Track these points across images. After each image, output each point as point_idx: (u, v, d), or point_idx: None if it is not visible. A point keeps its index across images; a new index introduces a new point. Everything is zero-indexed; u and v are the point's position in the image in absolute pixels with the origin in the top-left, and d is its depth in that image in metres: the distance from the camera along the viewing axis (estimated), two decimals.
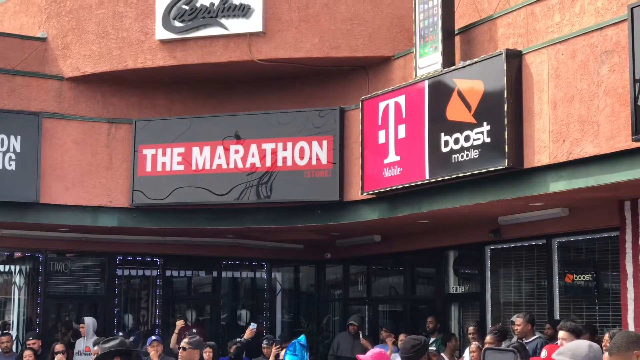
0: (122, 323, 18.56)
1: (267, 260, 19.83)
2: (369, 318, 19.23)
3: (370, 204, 14.85)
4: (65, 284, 18.35)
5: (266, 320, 19.90)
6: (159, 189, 16.05)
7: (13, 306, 18.19)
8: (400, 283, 18.78)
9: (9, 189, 15.36)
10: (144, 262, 18.76)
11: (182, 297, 20.39)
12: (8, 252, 17.98)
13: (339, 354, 16.56)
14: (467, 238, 15.78)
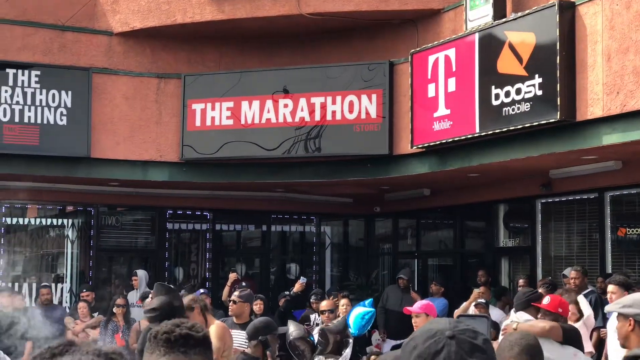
0: (173, 276, 18.72)
1: (316, 214, 19.85)
2: (418, 272, 19.23)
3: (419, 157, 14.77)
4: (116, 237, 18.53)
5: (315, 274, 19.96)
6: (208, 143, 16.07)
7: (66, 259, 18.41)
8: (449, 237, 18.72)
9: (61, 143, 15.49)
10: (193, 216, 18.88)
11: (232, 251, 20.51)
12: (60, 206, 18.17)
13: (387, 307, 16.56)
14: (517, 192, 15.66)
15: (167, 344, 2.69)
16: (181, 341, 2.70)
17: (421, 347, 2.12)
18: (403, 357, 2.16)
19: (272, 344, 7.82)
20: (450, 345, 2.10)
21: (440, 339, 2.11)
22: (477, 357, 2.10)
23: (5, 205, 17.34)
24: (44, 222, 18.53)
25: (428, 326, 2.21)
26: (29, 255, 18.70)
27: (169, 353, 2.68)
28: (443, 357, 2.08)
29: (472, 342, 2.12)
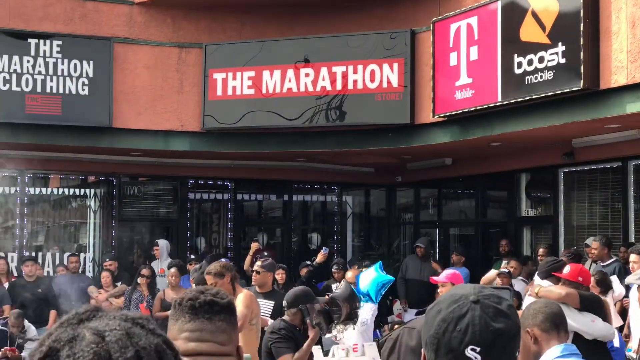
0: (194, 246, 18.80)
1: (338, 183, 19.85)
2: (440, 242, 19.23)
3: (441, 126, 14.72)
4: (138, 207, 18.61)
5: (337, 243, 19.98)
6: (230, 113, 16.07)
7: (88, 229, 18.52)
8: (471, 206, 18.69)
9: (83, 113, 15.53)
10: (215, 185, 18.92)
11: (253, 220, 20.56)
12: (83, 176, 18.25)
13: (407, 277, 16.59)
14: (539, 161, 15.59)
15: (192, 310, 2.71)
16: (206, 307, 2.71)
17: (445, 311, 2.12)
18: (427, 321, 2.17)
19: (310, 312, 7.88)
20: (474, 310, 2.10)
21: (464, 303, 2.12)
22: (501, 322, 2.10)
23: (28, 175, 17.42)
24: (66, 192, 18.61)
25: (453, 291, 2.22)
26: (51, 225, 18.81)
27: (193, 319, 2.70)
28: (467, 321, 2.09)
29: (496, 307, 2.12)
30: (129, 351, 1.58)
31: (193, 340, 2.70)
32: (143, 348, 1.61)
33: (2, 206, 18.07)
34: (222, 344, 2.71)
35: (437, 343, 2.11)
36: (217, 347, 2.70)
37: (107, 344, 1.58)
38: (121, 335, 1.60)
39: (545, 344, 4.78)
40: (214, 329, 2.71)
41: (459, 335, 2.08)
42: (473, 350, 2.06)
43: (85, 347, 1.58)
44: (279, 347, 7.67)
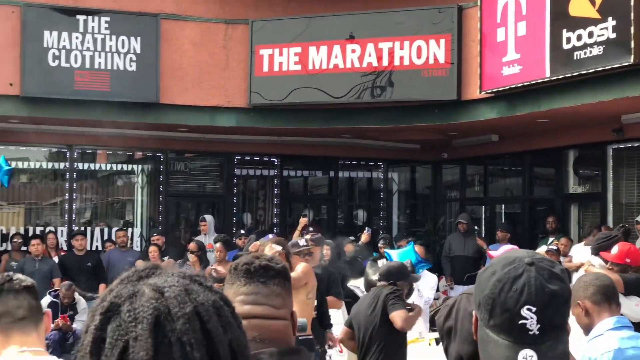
0: (241, 222, 18.89)
1: (384, 160, 19.84)
2: (486, 219, 19.16)
3: (488, 102, 14.65)
4: (185, 183, 18.73)
5: (382, 220, 20.00)
6: (276, 89, 16.10)
7: (135, 205, 18.69)
8: (517, 183, 18.58)
9: (130, 89, 15.64)
10: (261, 161, 18.99)
11: (299, 197, 20.62)
12: (130, 152, 18.40)
13: (452, 255, 16.58)
14: (588, 137, 15.46)
15: (247, 274, 2.75)
16: (260, 271, 2.75)
17: (500, 272, 2.13)
18: (481, 283, 2.18)
19: (402, 288, 7.96)
20: (529, 271, 2.11)
21: (519, 265, 2.13)
22: (555, 284, 2.12)
23: (77, 150, 17.59)
24: (113, 167, 18.78)
25: (506, 255, 2.23)
26: (99, 200, 19.01)
27: (249, 283, 2.74)
28: (523, 282, 2.10)
29: (550, 270, 2.14)
30: (187, 306, 1.62)
31: (248, 303, 2.73)
32: (201, 304, 1.65)
33: (52, 181, 18.31)
34: (276, 308, 2.74)
35: (492, 303, 2.12)
36: (272, 311, 2.74)
37: (166, 300, 1.63)
38: (180, 291, 1.64)
39: (597, 316, 4.77)
40: (269, 293, 2.74)
41: (515, 295, 2.10)
42: (529, 310, 2.08)
43: (145, 303, 1.62)
44: (395, 302, 7.70)
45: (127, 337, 1.60)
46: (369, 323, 7.81)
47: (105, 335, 1.62)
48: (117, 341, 1.60)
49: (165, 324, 1.60)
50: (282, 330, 2.75)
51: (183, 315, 1.62)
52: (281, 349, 2.67)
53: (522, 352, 2.07)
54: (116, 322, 1.62)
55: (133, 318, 1.61)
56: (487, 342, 2.14)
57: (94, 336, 1.64)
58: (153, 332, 1.59)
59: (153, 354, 1.58)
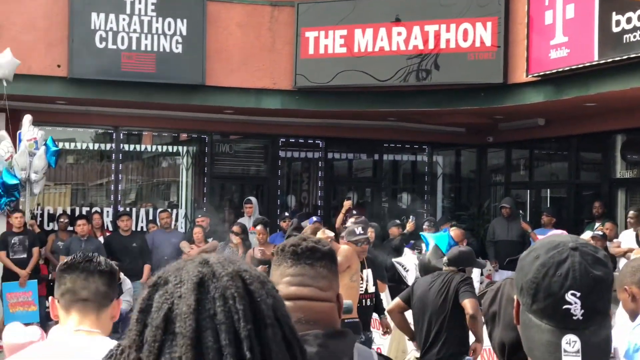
0: (285, 204, 18.94)
1: (428, 143, 19.77)
2: (531, 203, 19.03)
3: (535, 86, 14.53)
4: (229, 165, 18.80)
5: (426, 204, 19.94)
6: (321, 72, 16.09)
7: (180, 186, 18.80)
8: (563, 168, 18.43)
9: (176, 71, 15.71)
10: (306, 144, 19.00)
11: (343, 179, 20.61)
12: (175, 133, 18.50)
13: (496, 239, 16.52)
14: (636, 121, 15.25)
15: (294, 256, 2.76)
16: (307, 253, 2.75)
17: (544, 256, 2.12)
18: (523, 267, 2.16)
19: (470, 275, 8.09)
20: (574, 256, 2.10)
21: (563, 249, 2.12)
22: (600, 270, 2.11)
23: (123, 132, 17.72)
24: (159, 149, 18.91)
25: (549, 239, 2.21)
26: (144, 181, 19.15)
27: (295, 265, 2.75)
28: (567, 266, 2.09)
29: (594, 255, 2.13)
30: (230, 267, 1.69)
31: (294, 284, 2.74)
32: (244, 270, 1.71)
33: (98, 162, 18.47)
34: (322, 290, 2.75)
35: (536, 287, 2.11)
36: (318, 292, 2.74)
37: (211, 266, 1.69)
38: (224, 259, 1.72)
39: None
40: (315, 275, 2.75)
41: (559, 280, 2.08)
42: (573, 295, 2.07)
43: (191, 269, 1.68)
44: (467, 290, 7.77)
45: (172, 298, 1.65)
46: (441, 310, 7.86)
47: (152, 302, 1.67)
48: (163, 304, 1.65)
49: (209, 283, 1.65)
50: (327, 312, 2.75)
51: (227, 274, 1.67)
52: (327, 331, 2.68)
53: (565, 337, 2.06)
54: (163, 290, 1.68)
55: (179, 281, 1.67)
56: (530, 326, 2.13)
57: (142, 306, 1.69)
58: (196, 290, 1.64)
59: (195, 307, 1.62)
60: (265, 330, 1.65)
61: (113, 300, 3.43)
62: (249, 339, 1.62)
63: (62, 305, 3.36)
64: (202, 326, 1.61)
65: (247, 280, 1.69)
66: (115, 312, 3.42)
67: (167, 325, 1.63)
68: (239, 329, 1.62)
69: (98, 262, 3.41)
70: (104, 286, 3.39)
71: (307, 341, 2.61)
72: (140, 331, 1.66)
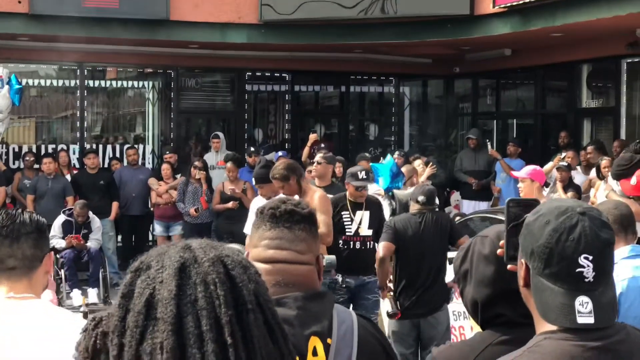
0: (252, 137, 18.89)
1: (395, 74, 19.72)
2: (498, 132, 19.12)
3: (501, 17, 14.50)
4: (196, 99, 18.68)
5: (394, 135, 19.98)
6: (288, 2, 15.90)
7: (147, 121, 18.68)
8: (530, 97, 18.49)
9: (141, 6, 15.46)
10: (272, 77, 18.90)
11: (310, 112, 20.56)
12: (140, 68, 18.31)
13: (464, 170, 16.59)
14: (602, 51, 15.29)
15: (273, 219, 2.76)
16: (286, 216, 2.76)
17: (555, 222, 2.21)
18: (532, 232, 2.24)
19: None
20: (583, 221, 2.20)
21: (572, 214, 2.21)
22: (606, 233, 2.22)
23: (87, 68, 17.52)
24: (124, 84, 18.74)
25: (555, 203, 2.30)
26: (110, 117, 19.02)
27: (274, 228, 2.76)
28: (579, 231, 2.18)
29: (600, 219, 2.24)
30: (212, 252, 1.70)
31: (272, 247, 2.75)
32: (226, 255, 1.72)
33: (63, 99, 18.28)
34: (300, 253, 2.76)
35: (549, 252, 2.19)
36: (296, 255, 2.75)
37: (192, 251, 1.71)
38: (206, 244, 1.73)
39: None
40: (293, 238, 2.76)
41: (572, 244, 2.18)
42: (586, 259, 2.17)
43: (173, 254, 1.70)
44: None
45: (154, 284, 1.67)
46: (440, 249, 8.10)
47: (134, 288, 1.69)
48: (145, 289, 1.67)
49: (190, 269, 1.67)
50: (306, 275, 2.76)
51: (208, 260, 1.68)
52: (305, 293, 2.69)
53: (578, 299, 2.17)
54: (145, 275, 1.69)
55: (160, 266, 1.69)
56: (542, 289, 2.22)
57: (124, 291, 1.71)
58: (177, 275, 1.66)
59: (176, 292, 1.64)
60: (246, 316, 1.67)
61: (44, 259, 3.21)
62: (230, 324, 1.64)
63: None
64: (184, 311, 1.63)
65: (229, 266, 1.70)
66: (48, 267, 3.23)
67: (148, 311, 1.65)
68: (220, 315, 1.64)
69: (22, 223, 3.14)
70: (32, 249, 3.15)
71: (286, 304, 2.63)
72: (122, 317, 1.68)
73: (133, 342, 1.63)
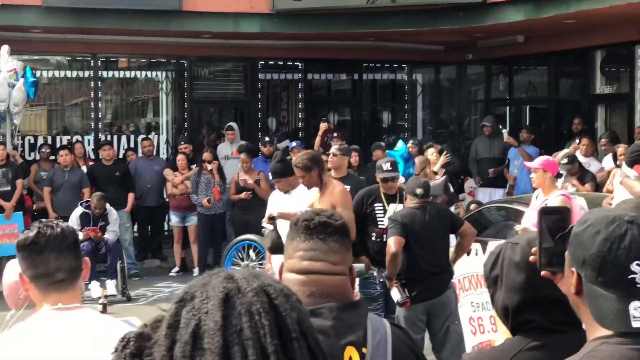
0: (265, 126, 18.92)
1: (408, 62, 19.72)
2: (511, 119, 19.11)
3: (514, 4, 14.48)
4: (209, 89, 18.74)
5: (407, 122, 19.99)
6: None
7: (161, 111, 18.72)
8: (543, 83, 18.47)
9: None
10: (285, 66, 18.93)
11: (323, 100, 20.57)
12: (154, 59, 18.35)
13: (479, 157, 16.59)
14: (615, 37, 15.27)
15: (307, 230, 2.81)
16: (319, 228, 2.80)
17: (605, 231, 2.27)
18: (583, 241, 2.30)
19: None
20: (632, 229, 2.27)
21: (621, 223, 2.28)
22: None
23: (101, 58, 17.57)
24: (138, 75, 18.80)
25: (603, 213, 2.37)
26: (124, 108, 19.07)
27: (308, 239, 2.80)
28: (629, 239, 2.25)
29: None
30: (255, 282, 1.73)
31: (306, 259, 2.80)
32: (269, 284, 1.75)
33: (77, 88, 18.34)
34: (334, 264, 2.80)
35: (602, 261, 2.27)
36: (330, 267, 2.80)
37: (235, 281, 1.73)
38: (249, 274, 1.76)
39: None
40: (327, 249, 2.80)
41: (624, 252, 2.25)
42: (638, 265, 2.25)
43: (217, 285, 1.73)
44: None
45: (199, 314, 1.70)
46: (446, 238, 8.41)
47: (180, 319, 1.72)
48: (190, 320, 1.70)
49: (234, 299, 1.70)
50: (340, 285, 2.81)
51: (252, 290, 1.71)
52: (340, 304, 2.74)
53: (632, 304, 2.24)
54: (190, 306, 1.72)
55: (205, 297, 1.71)
56: (597, 296, 2.29)
57: (169, 321, 1.74)
58: (222, 306, 1.69)
59: (222, 323, 1.67)
60: (291, 344, 1.70)
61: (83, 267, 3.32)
62: (276, 354, 1.67)
63: (36, 287, 3.24)
64: (230, 342, 1.66)
65: (272, 295, 1.73)
66: (85, 274, 3.34)
67: (195, 341, 1.68)
68: (265, 344, 1.67)
69: (63, 236, 3.24)
70: (76, 259, 3.27)
71: (321, 314, 2.68)
72: (169, 347, 1.71)
73: None
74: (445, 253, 8.38)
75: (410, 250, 8.13)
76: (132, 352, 1.81)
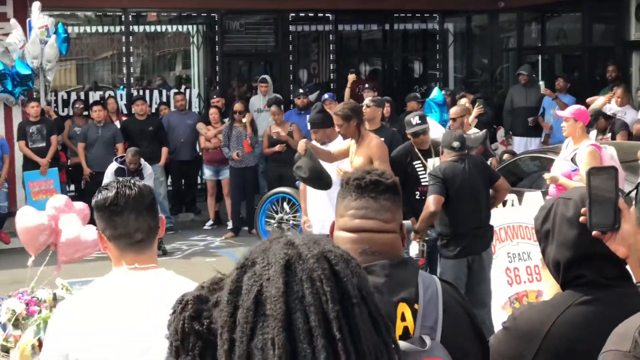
0: (296, 78, 18.88)
1: (439, 11, 19.53)
2: (543, 68, 18.94)
3: None
4: (240, 42, 18.68)
5: (439, 72, 19.87)
6: None
7: (192, 65, 18.72)
8: (576, 30, 18.25)
9: None
10: (316, 17, 18.85)
11: (354, 50, 20.47)
12: (184, 12, 18.30)
13: (514, 107, 16.46)
14: None
15: (358, 189, 2.81)
16: (371, 187, 2.81)
17: None
18: None
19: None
20: None
21: None
22: None
23: (132, 13, 17.54)
24: (169, 29, 18.78)
25: None
26: (155, 62, 19.08)
27: (359, 198, 2.81)
28: None
29: None
30: (316, 249, 1.75)
31: (358, 217, 2.80)
32: (329, 250, 1.77)
33: (108, 43, 18.36)
34: (385, 222, 2.81)
35: None
36: (381, 224, 2.80)
37: (296, 247, 1.76)
38: (309, 240, 1.78)
39: None
40: (378, 207, 2.81)
41: None
42: None
43: (278, 251, 1.76)
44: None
45: (261, 281, 1.73)
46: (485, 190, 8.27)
47: (242, 285, 1.75)
48: (252, 286, 1.73)
49: (295, 265, 1.73)
50: (391, 243, 2.82)
51: (313, 256, 1.74)
52: (392, 261, 2.75)
53: None
54: (251, 272, 1.75)
55: (266, 263, 1.74)
56: None
57: (231, 287, 1.77)
58: (284, 272, 1.72)
59: (284, 290, 1.70)
60: (352, 310, 1.72)
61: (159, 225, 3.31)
62: (338, 319, 1.70)
63: (115, 247, 3.24)
64: (292, 308, 1.69)
65: (333, 261, 1.75)
66: (161, 232, 3.33)
67: (257, 308, 1.71)
68: (327, 310, 1.69)
69: (142, 196, 3.22)
70: (153, 219, 3.26)
71: (374, 272, 2.69)
72: (231, 313, 1.74)
73: (244, 338, 1.70)
74: (487, 206, 8.28)
75: (452, 205, 8.05)
76: (190, 315, 1.84)
